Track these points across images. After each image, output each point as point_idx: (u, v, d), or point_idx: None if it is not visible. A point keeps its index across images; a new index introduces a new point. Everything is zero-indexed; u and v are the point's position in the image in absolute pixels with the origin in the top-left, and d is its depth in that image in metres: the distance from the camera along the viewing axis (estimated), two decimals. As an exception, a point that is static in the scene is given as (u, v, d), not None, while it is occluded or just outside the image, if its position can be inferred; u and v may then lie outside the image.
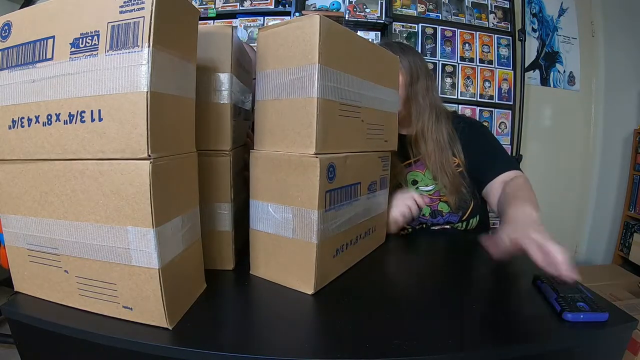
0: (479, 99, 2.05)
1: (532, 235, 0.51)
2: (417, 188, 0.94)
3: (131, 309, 0.43)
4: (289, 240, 0.54)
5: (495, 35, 2.06)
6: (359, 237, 0.65)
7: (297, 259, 0.53)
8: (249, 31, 1.90)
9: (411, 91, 0.92)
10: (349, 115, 0.57)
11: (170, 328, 0.43)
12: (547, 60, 2.28)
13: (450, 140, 0.92)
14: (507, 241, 0.54)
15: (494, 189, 0.86)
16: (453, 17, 2.03)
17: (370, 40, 1.86)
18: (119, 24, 0.38)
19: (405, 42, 1.97)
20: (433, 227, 0.93)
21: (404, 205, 0.79)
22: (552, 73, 2.29)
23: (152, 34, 0.37)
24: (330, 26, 0.51)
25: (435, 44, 2.01)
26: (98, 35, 0.39)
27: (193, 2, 1.84)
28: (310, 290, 0.53)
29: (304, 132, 0.51)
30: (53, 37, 0.41)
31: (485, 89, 2.06)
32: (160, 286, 0.41)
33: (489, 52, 2.05)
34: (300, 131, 0.52)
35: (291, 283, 0.55)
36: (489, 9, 2.07)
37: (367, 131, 0.64)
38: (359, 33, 1.90)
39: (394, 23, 1.92)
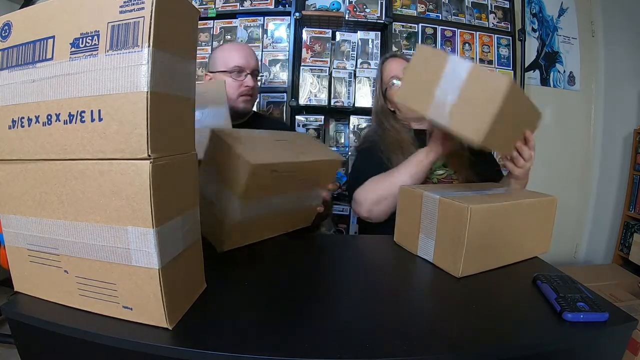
0: (479, 99, 2.05)
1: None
2: (432, 172, 1.03)
3: (131, 309, 0.43)
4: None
5: (495, 35, 2.06)
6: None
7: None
8: (249, 31, 1.89)
9: None
10: None
11: (170, 328, 0.43)
12: (547, 60, 2.28)
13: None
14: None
15: None
16: (453, 17, 2.02)
17: (370, 40, 1.87)
18: (118, 24, 0.38)
19: (405, 42, 1.97)
20: None
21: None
22: (552, 73, 2.29)
23: (152, 34, 0.37)
24: None
25: (435, 44, 2.00)
26: (98, 35, 0.39)
27: (193, 2, 1.84)
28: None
29: None
30: (53, 37, 0.41)
31: (485, 89, 2.05)
32: (160, 286, 0.41)
33: (489, 52, 2.05)
34: None
35: None
36: (489, 9, 2.06)
37: None
38: (359, 33, 1.90)
39: (394, 23, 1.92)
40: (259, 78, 1.19)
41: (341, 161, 0.79)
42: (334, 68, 1.89)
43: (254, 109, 1.28)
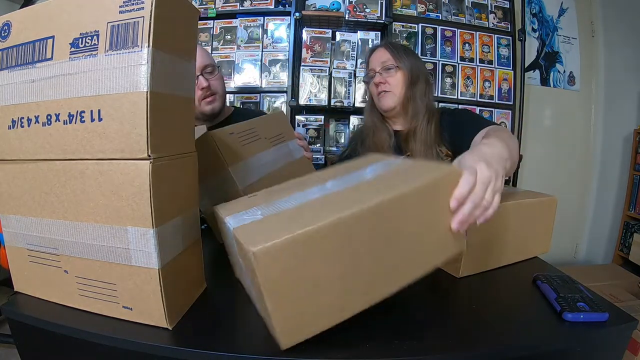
0: (479, 99, 2.05)
1: (463, 161, 0.48)
2: None
3: (131, 309, 0.43)
4: None
5: (495, 35, 2.06)
6: None
7: None
8: (249, 31, 1.89)
9: (410, 92, 1.01)
10: None
11: (170, 328, 0.42)
12: (547, 60, 2.28)
13: (437, 137, 0.99)
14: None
15: (475, 142, 0.80)
16: (453, 17, 2.03)
17: (370, 40, 1.87)
18: (118, 24, 0.38)
19: (405, 42, 1.97)
20: None
21: None
22: (552, 73, 2.29)
23: (151, 33, 0.37)
24: None
25: (435, 44, 2.00)
26: (98, 35, 0.39)
27: (193, 2, 1.84)
28: None
29: None
30: (53, 37, 0.41)
31: (485, 89, 2.05)
32: (160, 286, 0.41)
33: (489, 52, 2.05)
34: None
35: None
36: (489, 9, 2.06)
37: None
38: (359, 33, 1.90)
39: (394, 23, 1.92)
40: (216, 72, 1.07)
41: (281, 111, 0.85)
42: (334, 68, 1.89)
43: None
